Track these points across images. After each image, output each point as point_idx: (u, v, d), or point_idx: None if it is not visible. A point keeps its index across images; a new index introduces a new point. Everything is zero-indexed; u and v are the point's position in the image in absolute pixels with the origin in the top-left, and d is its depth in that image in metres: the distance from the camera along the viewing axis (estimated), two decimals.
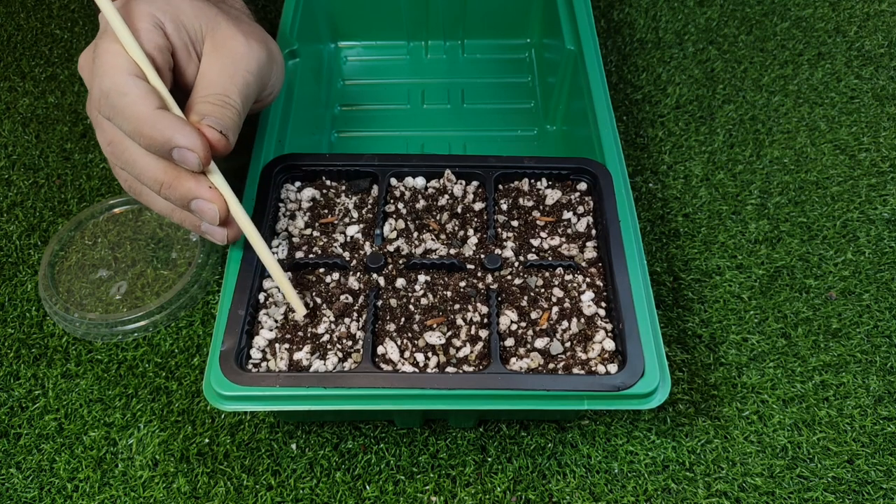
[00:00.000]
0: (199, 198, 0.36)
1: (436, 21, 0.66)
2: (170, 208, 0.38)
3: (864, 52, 0.69)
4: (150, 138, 0.34)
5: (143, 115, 0.34)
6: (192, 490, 0.44)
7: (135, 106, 0.34)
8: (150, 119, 0.34)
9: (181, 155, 0.35)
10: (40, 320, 0.51)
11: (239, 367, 0.38)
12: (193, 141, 0.35)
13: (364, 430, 0.46)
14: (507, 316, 0.41)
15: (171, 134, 0.34)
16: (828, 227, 0.56)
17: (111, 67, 0.34)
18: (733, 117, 0.64)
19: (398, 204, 0.46)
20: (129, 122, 0.34)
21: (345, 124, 0.62)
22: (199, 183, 0.36)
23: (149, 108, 0.34)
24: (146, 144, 0.35)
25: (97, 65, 0.35)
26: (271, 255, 0.39)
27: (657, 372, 0.37)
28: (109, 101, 0.34)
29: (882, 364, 0.49)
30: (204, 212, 0.37)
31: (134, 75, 0.34)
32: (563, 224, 0.45)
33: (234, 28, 0.39)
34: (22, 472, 0.45)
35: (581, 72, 0.53)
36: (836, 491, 0.44)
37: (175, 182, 0.36)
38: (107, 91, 0.34)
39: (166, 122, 0.34)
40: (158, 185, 0.36)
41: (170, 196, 0.37)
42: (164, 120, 0.34)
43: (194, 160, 0.35)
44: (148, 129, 0.34)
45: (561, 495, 0.44)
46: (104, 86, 0.34)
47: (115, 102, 0.34)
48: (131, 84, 0.34)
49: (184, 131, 0.35)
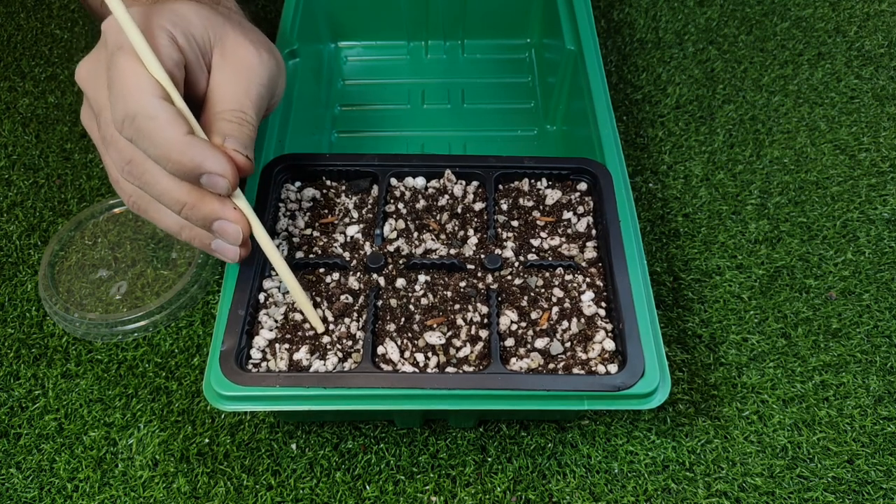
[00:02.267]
0: (223, 219, 0.36)
1: (436, 21, 0.66)
2: (178, 225, 0.37)
3: (864, 52, 0.69)
4: (179, 164, 0.34)
5: (172, 142, 0.33)
6: (192, 490, 0.44)
7: (164, 131, 0.33)
8: (180, 145, 0.33)
9: (211, 180, 0.35)
10: (40, 320, 0.51)
11: (239, 367, 0.38)
12: (223, 167, 0.34)
13: (364, 430, 0.46)
14: (507, 316, 0.41)
15: (201, 160, 0.34)
16: (828, 227, 0.56)
17: (136, 89, 0.33)
18: (733, 117, 0.64)
19: (398, 204, 0.46)
20: (156, 148, 0.33)
21: (345, 124, 0.62)
22: (224, 204, 0.36)
23: (178, 134, 0.33)
24: (173, 170, 0.34)
25: (118, 85, 0.34)
26: (293, 277, 0.39)
27: (657, 372, 0.37)
28: (136, 125, 0.33)
29: (882, 364, 0.49)
30: (227, 232, 0.37)
31: (160, 98, 0.33)
32: (564, 224, 0.45)
33: (243, 38, 0.39)
34: (22, 472, 0.45)
35: (581, 72, 0.53)
36: (836, 491, 0.44)
37: (199, 203, 0.35)
38: (133, 114, 0.33)
39: (196, 148, 0.34)
40: (180, 206, 0.35)
41: (191, 217, 0.36)
42: (194, 146, 0.34)
43: (224, 185, 0.35)
44: (177, 155, 0.33)
45: (561, 495, 0.44)
46: (129, 109, 0.33)
47: (142, 126, 0.33)
48: (159, 108, 0.33)
49: (214, 157, 0.34)
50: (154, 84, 0.33)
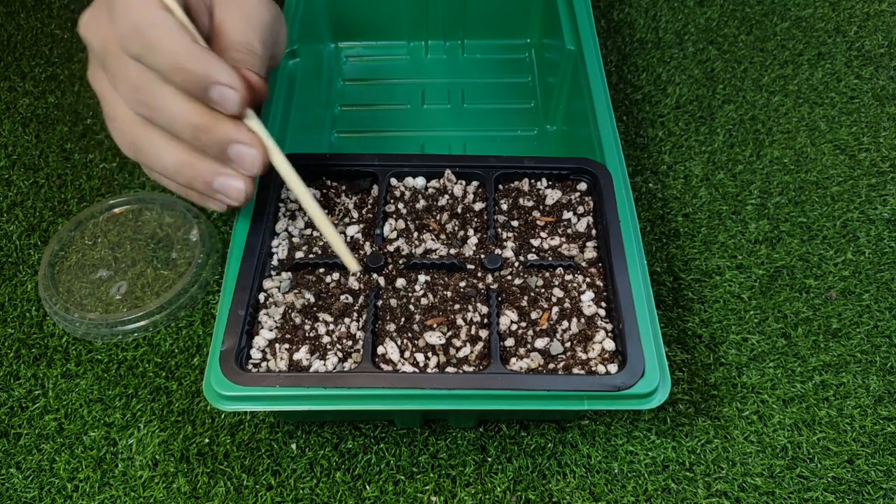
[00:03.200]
0: (239, 142, 0.34)
1: (436, 21, 0.66)
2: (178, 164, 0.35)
3: (864, 52, 0.69)
4: (187, 72, 0.32)
5: (180, 49, 0.32)
6: (192, 490, 0.44)
7: (170, 39, 0.31)
8: (188, 52, 0.32)
9: (220, 93, 0.33)
10: (40, 320, 0.51)
11: (239, 367, 0.38)
12: (233, 79, 0.33)
13: (364, 430, 0.46)
14: (507, 316, 0.41)
15: (210, 69, 0.32)
16: (828, 227, 0.56)
17: (141, 3, 0.32)
18: (733, 117, 0.64)
19: (398, 204, 0.46)
20: (164, 56, 0.32)
21: (345, 124, 0.62)
22: (238, 126, 0.34)
23: (185, 41, 0.32)
24: (182, 80, 0.32)
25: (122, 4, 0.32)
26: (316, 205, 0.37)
27: (657, 372, 0.37)
28: (141, 36, 0.31)
29: (882, 364, 0.49)
30: (244, 157, 0.35)
31: (164, 9, 0.32)
32: (564, 224, 0.45)
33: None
34: (22, 472, 0.45)
35: (581, 72, 0.53)
36: (836, 491, 0.44)
37: (213, 124, 0.34)
38: (136, 24, 0.31)
39: (205, 56, 0.32)
40: (192, 129, 0.34)
41: (205, 141, 0.34)
42: (202, 54, 0.32)
43: (235, 98, 0.33)
44: (185, 62, 0.32)
45: (561, 495, 0.44)
46: (133, 19, 0.31)
47: (148, 35, 0.31)
48: (164, 16, 0.32)
49: (223, 67, 0.33)
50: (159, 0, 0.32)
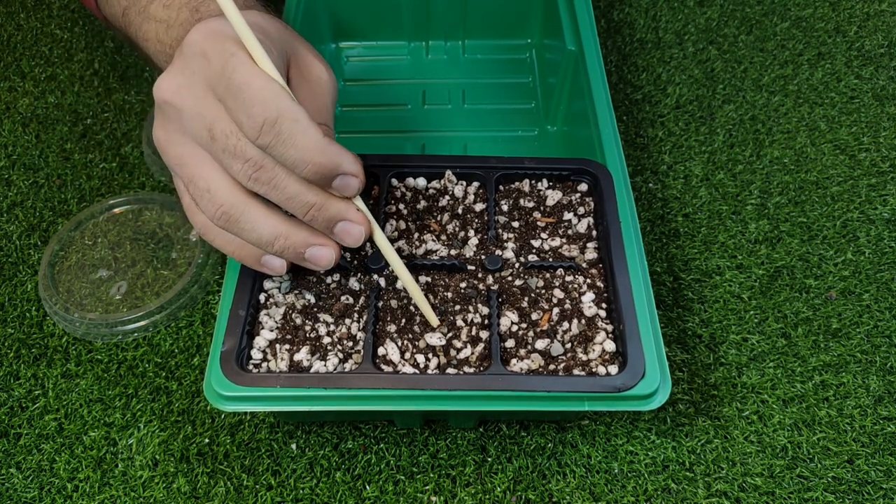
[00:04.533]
0: (347, 220, 0.37)
1: (437, 21, 0.66)
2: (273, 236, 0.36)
3: (864, 52, 0.69)
4: (319, 166, 0.34)
5: (315, 143, 0.33)
6: (192, 490, 0.44)
7: (306, 134, 0.33)
8: (322, 146, 0.33)
9: (344, 182, 0.35)
10: (40, 320, 0.51)
11: (239, 367, 0.38)
12: (357, 168, 0.35)
13: (364, 430, 0.46)
14: (507, 317, 0.41)
15: (340, 161, 0.34)
16: (828, 227, 0.57)
17: (274, 94, 0.32)
18: (733, 117, 0.64)
19: (399, 204, 0.46)
20: (298, 150, 0.33)
21: (345, 125, 0.62)
22: (348, 205, 0.37)
23: (319, 136, 0.33)
24: (311, 172, 0.34)
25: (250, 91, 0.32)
26: (412, 278, 0.40)
27: (657, 373, 0.38)
28: (277, 129, 0.32)
29: (882, 364, 0.49)
30: (350, 233, 0.37)
31: (295, 101, 0.33)
32: (564, 225, 0.45)
33: (310, 53, 0.39)
34: (22, 472, 0.45)
35: (582, 72, 0.53)
36: (836, 491, 0.44)
37: (327, 204, 0.36)
38: (274, 119, 0.32)
39: (335, 150, 0.34)
40: (308, 208, 0.36)
41: (317, 218, 0.36)
42: (333, 148, 0.34)
43: (356, 186, 0.36)
44: (319, 156, 0.33)
45: (561, 495, 0.44)
46: (270, 113, 0.32)
47: (284, 130, 0.33)
48: (300, 111, 0.33)
49: (350, 159, 0.35)
50: (284, 88, 0.33)
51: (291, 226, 0.36)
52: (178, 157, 0.36)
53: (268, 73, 0.33)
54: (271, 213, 0.36)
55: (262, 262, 0.38)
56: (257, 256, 0.38)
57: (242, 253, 0.38)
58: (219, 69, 0.33)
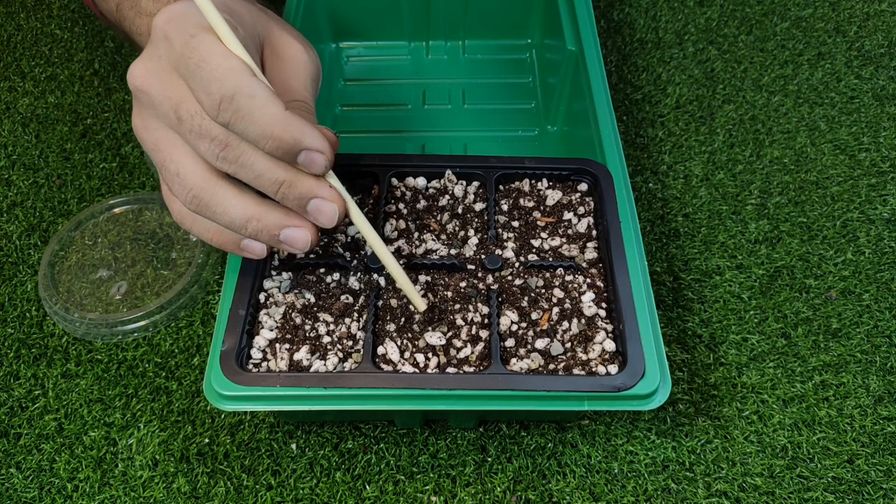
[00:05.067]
0: (319, 197, 0.36)
1: (437, 21, 0.66)
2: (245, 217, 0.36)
3: (864, 52, 0.69)
4: (279, 141, 0.33)
5: (274, 118, 0.33)
6: (192, 490, 0.44)
7: (264, 108, 0.32)
8: (282, 121, 0.33)
9: (309, 157, 0.34)
10: (40, 320, 0.51)
11: (239, 367, 0.38)
12: (322, 143, 0.34)
13: (364, 430, 0.46)
14: (507, 316, 0.41)
15: (301, 136, 0.33)
16: (828, 227, 0.57)
17: (230, 70, 0.32)
18: (733, 117, 0.64)
19: (399, 204, 0.46)
20: (257, 126, 0.33)
21: (345, 124, 0.62)
22: (320, 182, 0.36)
23: (279, 110, 0.33)
24: (273, 147, 0.33)
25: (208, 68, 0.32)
26: (393, 259, 0.39)
27: (657, 373, 0.38)
28: (235, 105, 0.32)
29: (882, 364, 0.49)
30: (322, 211, 0.36)
31: (254, 77, 0.33)
32: (564, 225, 0.45)
33: (286, 34, 0.39)
34: (22, 472, 0.45)
35: (582, 72, 0.53)
36: (836, 491, 0.44)
37: (296, 181, 0.35)
38: (231, 94, 0.32)
39: (296, 124, 0.33)
40: (278, 186, 0.35)
41: (288, 196, 0.35)
42: (294, 122, 0.33)
43: (322, 163, 0.35)
44: (279, 131, 0.33)
45: (561, 495, 0.44)
46: (226, 89, 0.32)
47: (241, 105, 0.32)
48: (257, 86, 0.32)
49: (313, 134, 0.34)
50: (243, 64, 0.33)
51: (264, 208, 0.36)
52: (152, 143, 0.36)
53: (229, 50, 0.33)
54: (243, 194, 0.36)
55: (241, 246, 0.38)
56: (236, 241, 0.38)
57: (221, 239, 0.38)
58: (179, 49, 0.33)
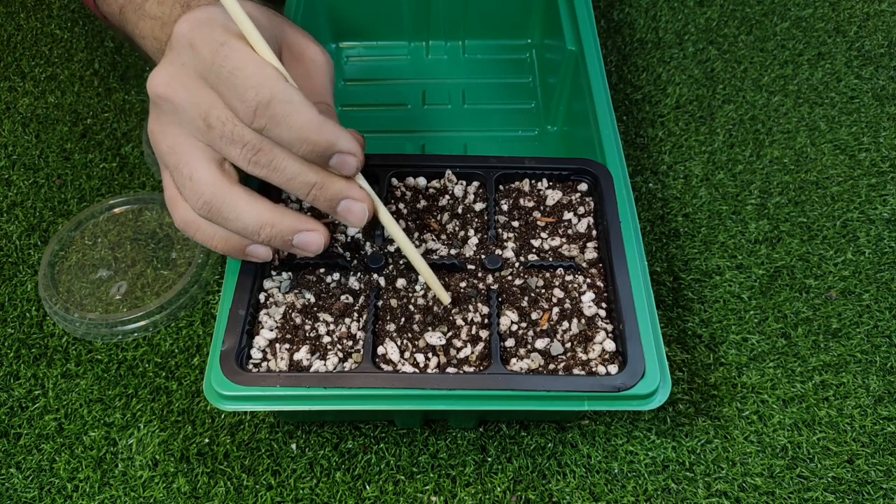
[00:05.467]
0: (350, 198, 0.37)
1: (437, 21, 0.66)
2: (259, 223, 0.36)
3: (864, 52, 0.69)
4: (314, 144, 0.34)
5: (309, 123, 0.33)
6: (192, 490, 0.44)
7: (301, 114, 0.33)
8: (317, 126, 0.33)
9: (341, 160, 0.35)
10: (40, 320, 0.51)
11: (239, 367, 0.38)
12: (354, 146, 0.35)
13: (364, 430, 0.46)
14: (507, 316, 0.41)
15: (335, 140, 0.34)
16: (828, 227, 0.57)
17: (265, 76, 0.33)
18: (733, 117, 0.64)
19: (399, 204, 0.46)
20: (292, 131, 0.33)
21: (345, 124, 0.61)
22: (350, 183, 0.37)
23: (314, 115, 0.33)
24: (307, 151, 0.34)
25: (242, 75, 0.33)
26: (421, 258, 0.40)
27: (657, 373, 0.38)
28: (271, 112, 0.33)
29: (882, 364, 0.49)
30: (353, 211, 0.37)
31: (288, 83, 0.33)
32: (564, 225, 0.45)
33: (302, 36, 0.40)
34: (22, 472, 0.45)
35: (582, 72, 0.53)
36: (836, 491, 0.44)
37: (328, 183, 0.36)
38: (267, 101, 0.32)
39: (330, 128, 0.34)
40: (309, 188, 0.36)
41: (319, 197, 0.36)
42: (328, 126, 0.34)
43: (354, 165, 0.36)
44: (315, 135, 0.33)
45: (561, 495, 0.44)
46: (263, 96, 0.32)
47: (278, 112, 0.33)
48: (293, 92, 0.33)
49: (346, 137, 0.35)
50: (277, 70, 0.33)
51: (277, 213, 0.36)
52: (169, 147, 0.36)
53: (261, 56, 0.33)
54: (256, 201, 0.36)
55: (246, 252, 0.38)
56: (242, 247, 0.38)
57: (227, 245, 0.38)
58: (209, 58, 0.33)
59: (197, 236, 0.38)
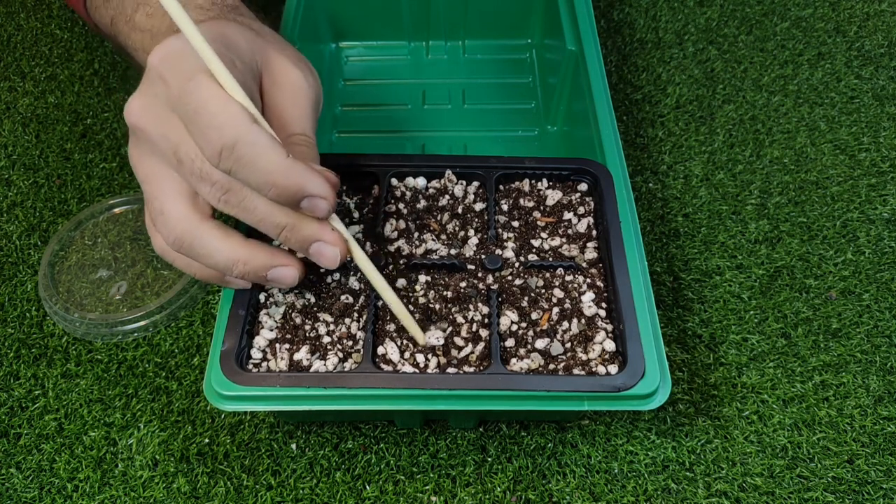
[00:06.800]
0: (322, 240, 0.36)
1: (437, 21, 0.66)
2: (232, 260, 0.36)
3: (864, 52, 0.69)
4: (282, 188, 0.33)
5: (275, 167, 0.32)
6: (192, 490, 0.44)
7: (266, 157, 0.32)
8: (283, 170, 0.32)
9: (312, 203, 0.34)
10: (40, 320, 0.51)
11: (239, 367, 0.38)
12: (325, 189, 0.34)
13: (364, 430, 0.46)
14: (507, 316, 0.41)
15: (304, 184, 0.33)
16: (828, 227, 0.57)
17: (229, 117, 0.32)
18: (733, 117, 0.64)
19: (399, 204, 0.46)
20: (259, 174, 0.32)
21: (345, 124, 0.62)
22: (322, 226, 0.36)
23: (280, 158, 0.32)
24: (276, 195, 0.33)
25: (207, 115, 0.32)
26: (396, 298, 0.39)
27: (657, 373, 0.38)
28: (236, 155, 0.32)
29: (882, 364, 0.49)
30: (324, 255, 0.36)
31: (254, 123, 0.32)
32: (564, 225, 0.45)
33: (286, 59, 0.38)
34: (22, 472, 0.45)
35: (582, 72, 0.53)
36: (836, 491, 0.44)
37: (299, 225, 0.35)
38: (231, 143, 0.31)
39: (298, 172, 0.33)
40: (280, 230, 0.35)
41: (290, 239, 0.35)
42: (295, 170, 0.33)
43: (325, 208, 0.34)
44: (282, 180, 0.32)
45: (561, 495, 0.44)
46: (227, 138, 0.31)
47: (242, 154, 0.32)
48: (258, 134, 0.32)
49: (315, 180, 0.33)
50: (243, 110, 0.32)
51: (250, 249, 0.36)
52: (144, 175, 0.36)
53: (227, 93, 0.32)
54: (227, 238, 0.35)
55: (225, 280, 0.38)
56: (220, 277, 0.38)
57: (204, 275, 0.38)
58: (177, 93, 0.33)
59: (175, 264, 0.38)
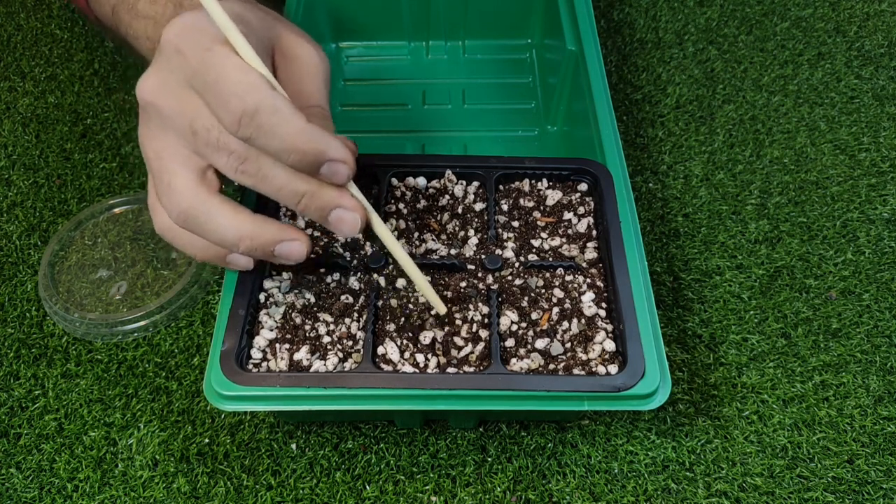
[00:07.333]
0: (341, 206, 0.35)
1: (437, 21, 0.66)
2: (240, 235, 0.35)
3: (864, 52, 0.69)
4: (303, 154, 0.33)
5: (297, 132, 0.32)
6: (192, 490, 0.44)
7: (288, 123, 0.32)
8: (305, 135, 0.32)
9: (332, 168, 0.34)
10: (40, 320, 0.51)
11: (239, 367, 0.38)
12: (345, 154, 0.34)
13: (364, 430, 0.46)
14: (507, 316, 0.41)
15: (324, 148, 0.33)
16: (828, 227, 0.57)
17: (250, 85, 0.32)
18: (733, 117, 0.64)
19: (399, 204, 0.46)
20: (280, 140, 0.32)
21: (345, 124, 0.62)
22: (342, 192, 0.35)
23: (302, 124, 0.32)
24: (296, 160, 0.33)
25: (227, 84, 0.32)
26: (415, 266, 0.39)
27: (657, 373, 0.38)
28: (257, 121, 0.32)
29: (882, 364, 0.49)
30: (345, 221, 0.36)
31: (274, 91, 0.33)
32: (564, 225, 0.45)
33: (295, 35, 0.38)
34: (22, 472, 0.45)
35: (582, 72, 0.53)
36: (836, 491, 0.44)
37: (318, 192, 0.35)
38: (252, 110, 0.32)
39: (319, 136, 0.33)
40: (299, 197, 0.35)
41: (310, 206, 0.35)
42: (316, 135, 0.33)
43: (345, 173, 0.34)
44: (303, 144, 0.33)
45: (561, 495, 0.44)
46: (248, 105, 0.32)
47: (264, 121, 0.32)
48: (279, 101, 0.32)
49: (336, 145, 0.33)
50: (263, 79, 0.33)
51: (258, 223, 0.36)
52: (153, 152, 0.36)
53: (247, 63, 0.33)
54: (235, 212, 0.35)
55: (227, 260, 0.38)
56: (222, 256, 0.38)
57: (206, 254, 0.37)
58: (195, 64, 0.33)
59: (175, 243, 0.38)
